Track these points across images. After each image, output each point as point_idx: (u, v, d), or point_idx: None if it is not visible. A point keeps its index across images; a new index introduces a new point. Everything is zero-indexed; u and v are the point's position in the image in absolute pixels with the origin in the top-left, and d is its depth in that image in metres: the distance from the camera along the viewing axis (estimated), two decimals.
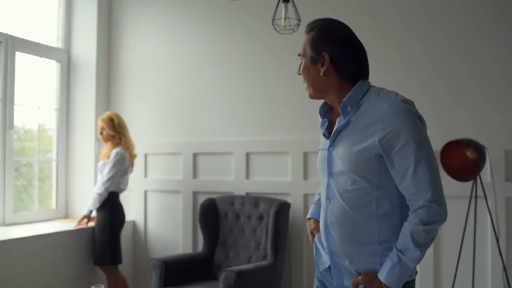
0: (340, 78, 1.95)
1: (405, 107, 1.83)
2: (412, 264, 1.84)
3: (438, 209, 1.82)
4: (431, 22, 4.17)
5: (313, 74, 1.99)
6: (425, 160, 1.81)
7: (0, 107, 4.52)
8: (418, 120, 1.85)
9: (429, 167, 1.82)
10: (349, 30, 1.99)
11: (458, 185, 3.93)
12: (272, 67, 4.68)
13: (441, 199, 1.84)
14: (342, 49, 1.93)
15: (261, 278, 4.09)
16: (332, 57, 1.93)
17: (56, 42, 5.20)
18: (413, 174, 1.81)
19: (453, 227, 4.01)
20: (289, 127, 4.59)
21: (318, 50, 1.95)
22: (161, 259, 4.27)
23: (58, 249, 4.33)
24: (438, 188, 1.83)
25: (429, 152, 1.84)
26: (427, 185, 1.81)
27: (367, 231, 1.90)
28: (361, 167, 1.88)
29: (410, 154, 1.81)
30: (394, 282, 1.84)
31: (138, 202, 5.15)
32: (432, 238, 1.86)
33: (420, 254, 1.84)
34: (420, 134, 1.83)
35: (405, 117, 1.82)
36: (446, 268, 4.06)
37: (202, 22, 5.00)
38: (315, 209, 2.22)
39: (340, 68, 1.94)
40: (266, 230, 4.33)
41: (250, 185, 4.71)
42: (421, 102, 4.12)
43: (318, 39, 1.96)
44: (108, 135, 4.56)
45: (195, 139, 4.95)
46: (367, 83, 1.97)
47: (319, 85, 1.99)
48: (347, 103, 1.92)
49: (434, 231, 1.85)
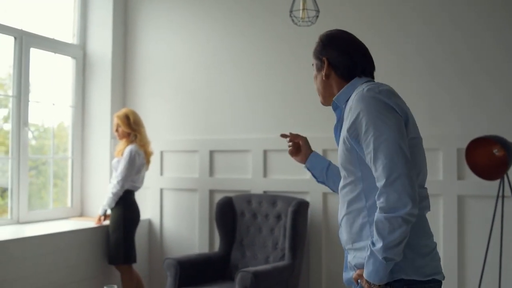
0: (340, 79, 2.04)
1: (369, 94, 1.85)
2: (380, 255, 1.74)
3: (395, 196, 1.72)
4: (451, 21, 4.04)
5: (320, 80, 2.11)
6: (384, 145, 1.77)
7: (15, 104, 4.48)
8: (381, 106, 1.82)
9: (387, 153, 1.76)
10: (348, 35, 2.10)
11: (484, 184, 3.81)
12: (291, 63, 4.57)
13: (398, 185, 1.72)
14: (338, 51, 2.04)
15: (279, 279, 3.98)
16: (330, 60, 2.05)
17: (71, 38, 5.15)
18: (374, 160, 1.79)
19: (479, 228, 3.90)
20: (307, 124, 4.47)
21: (319, 57, 2.09)
22: (176, 259, 4.18)
23: (73, 247, 4.28)
24: (396, 174, 1.73)
25: (390, 137, 1.77)
26: (384, 170, 1.75)
27: (360, 226, 1.90)
28: (344, 160, 1.94)
29: (370, 140, 1.80)
30: (370, 276, 1.79)
31: (153, 201, 5.07)
32: (397, 228, 1.72)
33: (384, 245, 1.73)
34: (381, 119, 1.80)
35: (366, 103, 1.83)
36: (471, 270, 3.92)
37: (218, 17, 4.91)
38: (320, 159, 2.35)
39: (338, 69, 2.04)
40: (284, 229, 4.22)
41: (267, 184, 4.60)
42: (442, 98, 4.05)
43: (318, 47, 2.11)
44: (123, 132, 4.50)
45: (211, 136, 4.87)
46: (360, 80, 2.01)
47: (325, 90, 2.11)
48: (336, 102, 2.05)
49: (397, 220, 1.71)
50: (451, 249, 3.96)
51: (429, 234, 1.92)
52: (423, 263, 1.83)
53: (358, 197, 1.90)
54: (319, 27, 4.04)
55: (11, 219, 4.42)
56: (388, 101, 1.83)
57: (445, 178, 4.00)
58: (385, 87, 1.90)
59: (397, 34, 4.15)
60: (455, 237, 3.96)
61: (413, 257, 1.82)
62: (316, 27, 3.91)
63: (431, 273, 1.84)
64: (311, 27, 3.58)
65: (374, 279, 1.78)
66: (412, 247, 1.82)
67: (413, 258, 1.82)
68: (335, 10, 4.31)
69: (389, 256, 1.74)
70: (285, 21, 3.96)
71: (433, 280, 1.85)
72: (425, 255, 1.85)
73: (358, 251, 1.90)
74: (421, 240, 1.86)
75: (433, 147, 3.97)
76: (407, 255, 1.81)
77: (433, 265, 1.86)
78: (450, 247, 3.96)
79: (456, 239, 3.95)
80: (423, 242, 1.86)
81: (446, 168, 4.00)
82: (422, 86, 4.10)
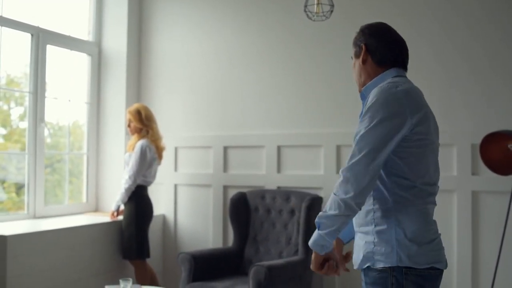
0: (376, 66, 2.11)
1: (386, 90, 1.95)
2: (317, 219, 1.96)
3: (343, 181, 1.90)
4: (463, 18, 4.03)
5: (358, 67, 2.16)
6: (371, 130, 1.90)
7: (32, 100, 4.54)
8: (392, 98, 1.92)
9: (368, 140, 1.90)
10: (387, 26, 2.18)
11: (498, 179, 3.80)
12: (305, 58, 4.58)
13: (354, 174, 1.89)
14: (376, 38, 2.12)
15: (292, 273, 4.00)
16: (368, 46, 2.12)
17: (87, 36, 5.20)
18: (355, 145, 1.93)
19: (493, 223, 3.89)
20: (321, 120, 4.48)
21: (358, 43, 2.16)
22: (190, 253, 4.21)
23: (88, 242, 4.32)
24: (362, 163, 1.89)
25: (383, 127, 1.89)
26: (352, 157, 1.92)
27: (366, 212, 2.01)
28: None
29: (361, 128, 1.93)
30: (310, 242, 2.01)
31: (168, 196, 5.11)
32: (335, 207, 1.91)
33: (322, 217, 1.94)
34: (383, 108, 1.90)
35: (379, 97, 1.93)
36: (485, 266, 3.90)
37: (233, 13, 4.93)
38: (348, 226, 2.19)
39: (374, 55, 2.11)
40: (298, 225, 4.24)
41: (281, 179, 4.62)
42: (456, 94, 4.04)
43: (358, 35, 2.18)
44: (135, 128, 4.53)
45: (225, 132, 4.89)
46: (395, 72, 2.08)
47: (362, 77, 2.15)
48: (364, 92, 2.12)
49: (339, 203, 1.90)
50: (465, 244, 3.95)
51: (430, 226, 2.00)
52: (420, 252, 1.92)
53: None
54: (332, 23, 4.07)
55: (28, 214, 4.48)
56: (403, 101, 1.92)
57: (459, 173, 3.99)
58: (408, 85, 1.99)
59: (409, 31, 4.14)
60: (469, 233, 3.95)
61: (411, 245, 1.92)
62: (331, 22, 3.94)
63: (431, 262, 1.93)
64: (326, 22, 3.60)
65: (310, 242, 2.02)
66: (409, 236, 1.92)
67: (411, 247, 1.91)
68: (349, 5, 4.32)
69: (319, 223, 1.95)
70: (300, 16, 3.97)
71: (432, 268, 1.93)
72: (424, 244, 1.94)
73: (363, 234, 2.03)
74: (420, 231, 1.95)
75: (447, 143, 3.97)
76: (405, 243, 1.92)
77: (432, 254, 1.95)
78: (464, 243, 3.95)
79: (471, 235, 3.94)
80: (422, 233, 1.95)
81: (460, 164, 3.99)
82: (436, 83, 4.09)
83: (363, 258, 1.99)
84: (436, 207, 2.04)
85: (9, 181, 4.64)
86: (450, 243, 3.95)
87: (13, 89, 4.68)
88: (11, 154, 4.62)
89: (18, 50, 4.56)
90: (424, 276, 1.92)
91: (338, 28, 4.33)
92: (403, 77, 2.07)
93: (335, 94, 4.43)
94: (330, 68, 4.45)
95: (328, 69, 4.47)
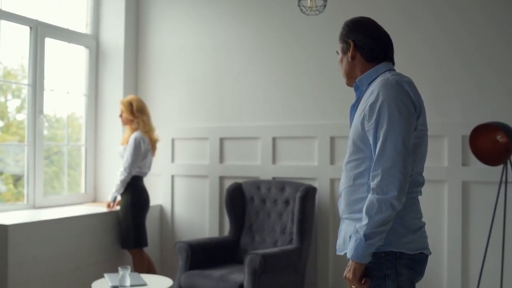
0: (365, 61, 2.15)
1: (394, 83, 1.97)
2: (361, 232, 1.91)
3: (388, 181, 1.89)
4: (456, 11, 4.10)
5: (345, 62, 2.19)
6: (392, 136, 1.90)
7: (30, 92, 4.60)
8: (403, 97, 1.95)
9: (394, 145, 1.90)
10: (372, 21, 2.20)
11: (487, 169, 3.89)
12: (300, 51, 4.65)
13: (393, 173, 1.89)
14: (363, 34, 2.14)
15: (287, 262, 4.09)
16: (356, 42, 2.14)
17: (84, 28, 5.25)
18: (381, 144, 1.91)
19: (482, 213, 3.97)
20: (316, 112, 4.56)
21: (345, 40, 2.18)
22: (187, 242, 4.29)
23: (87, 231, 4.39)
24: (393, 163, 1.90)
25: (402, 131, 1.91)
26: (385, 157, 1.90)
27: (359, 199, 2.03)
28: (357, 137, 2.04)
29: (383, 125, 1.92)
30: (350, 252, 1.95)
31: (165, 187, 5.19)
32: (384, 210, 1.88)
33: (368, 223, 1.89)
34: (399, 110, 1.92)
35: (388, 91, 1.95)
36: (474, 254, 4.00)
37: (229, 7, 4.99)
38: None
39: (363, 51, 2.14)
40: (292, 214, 4.33)
41: (276, 170, 4.70)
42: (447, 86, 4.12)
43: (344, 31, 2.19)
44: (126, 119, 4.60)
45: (222, 124, 4.96)
46: (386, 66, 2.12)
47: (350, 72, 2.19)
48: (358, 83, 2.15)
49: (385, 202, 1.88)
50: (456, 232, 4.04)
51: (419, 214, 2.08)
52: (411, 239, 2.00)
53: (363, 173, 2.03)
54: (326, 16, 4.14)
55: (27, 204, 4.55)
56: (410, 93, 1.97)
57: (450, 164, 4.08)
58: (407, 78, 2.03)
59: (403, 24, 4.22)
60: (459, 221, 4.04)
61: (404, 232, 1.99)
62: (325, 16, 4.02)
63: (420, 248, 2.02)
64: (319, 16, 3.67)
65: (352, 256, 1.94)
66: (403, 224, 1.99)
67: (405, 233, 1.99)
68: (343, 0, 4.39)
69: (369, 234, 1.90)
70: (294, 10, 4.04)
71: (421, 254, 2.03)
72: (415, 231, 2.02)
73: (353, 221, 2.05)
74: (412, 218, 2.02)
75: (439, 134, 4.05)
76: (400, 230, 1.98)
77: (421, 241, 2.03)
78: (454, 231, 4.05)
79: (461, 223, 4.04)
80: (413, 220, 2.03)
81: (451, 155, 4.08)
82: (428, 75, 4.16)
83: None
84: (427, 196, 2.11)
85: (7, 173, 4.70)
86: (441, 231, 4.05)
87: (11, 81, 4.74)
88: (8, 146, 4.67)
89: (15, 42, 4.62)
90: (415, 259, 2.01)
91: (332, 21, 4.38)
92: (394, 71, 2.11)
93: (329, 87, 4.50)
94: (324, 61, 4.52)
95: (322, 62, 4.54)
